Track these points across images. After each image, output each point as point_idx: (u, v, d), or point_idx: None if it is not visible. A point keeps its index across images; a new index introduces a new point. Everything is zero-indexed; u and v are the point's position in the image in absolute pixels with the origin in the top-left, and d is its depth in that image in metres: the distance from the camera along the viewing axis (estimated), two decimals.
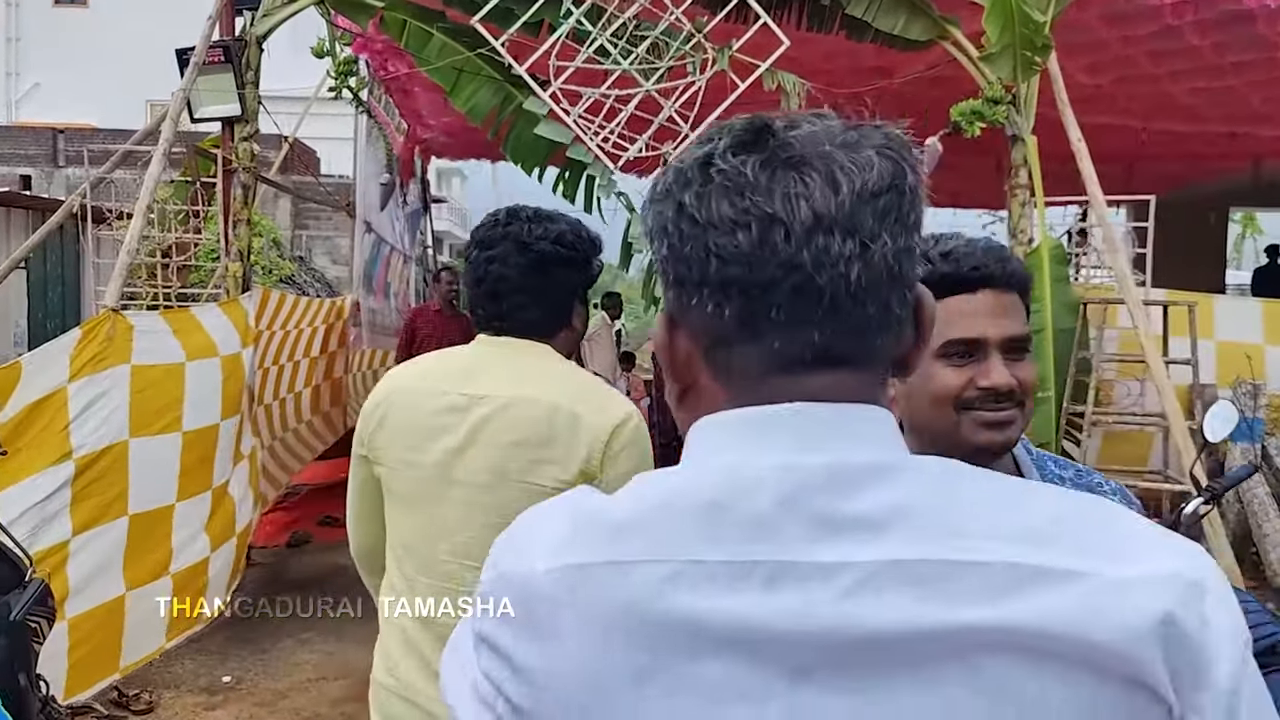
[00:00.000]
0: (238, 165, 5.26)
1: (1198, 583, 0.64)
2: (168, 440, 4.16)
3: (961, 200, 12.57)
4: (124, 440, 3.92)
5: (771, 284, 0.67)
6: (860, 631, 0.62)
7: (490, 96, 5.49)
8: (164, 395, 4.16)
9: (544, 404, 1.66)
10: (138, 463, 3.98)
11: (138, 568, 3.91)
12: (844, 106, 5.21)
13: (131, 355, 4.02)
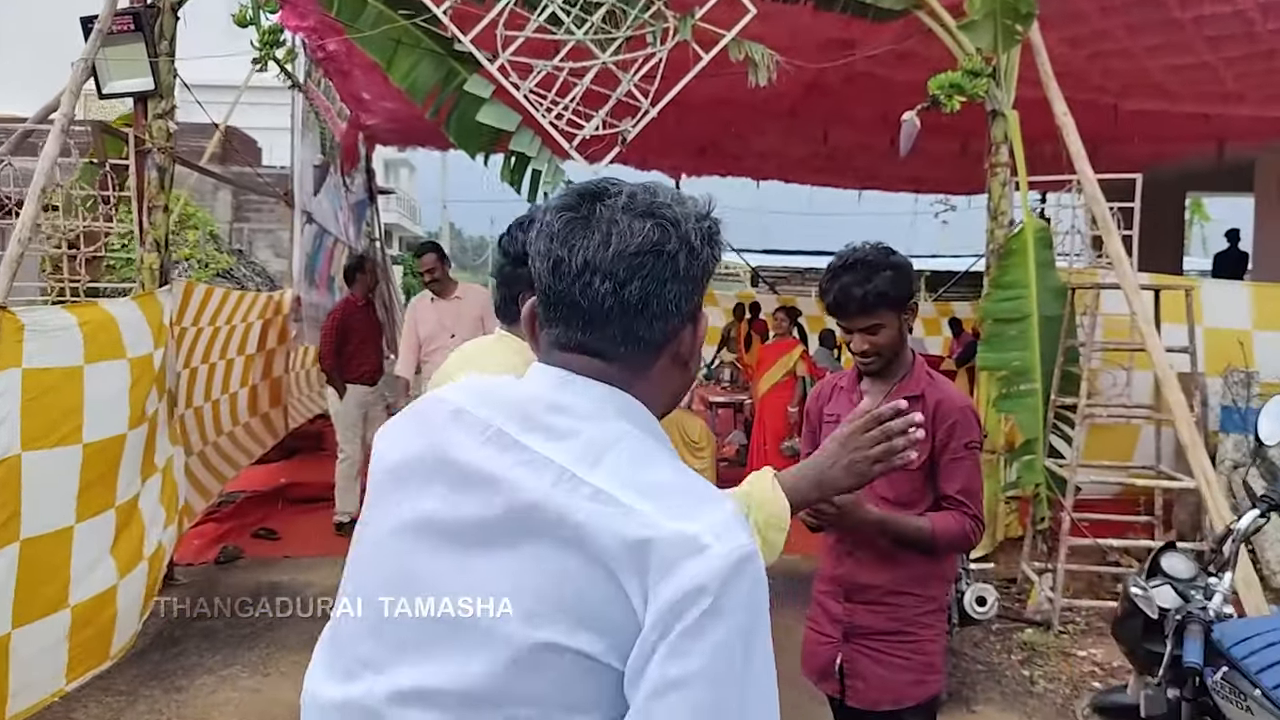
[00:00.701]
0: (152, 145, 4.75)
1: (705, 547, 0.93)
2: (66, 454, 3.67)
3: (923, 186, 12.27)
4: (15, 454, 3.43)
5: (557, 299, 1.08)
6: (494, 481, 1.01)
7: (431, 72, 5.03)
8: (61, 402, 3.66)
9: None
10: (33, 480, 3.48)
11: (30, 602, 3.42)
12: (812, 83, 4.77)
13: (22, 358, 3.52)
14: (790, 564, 5.99)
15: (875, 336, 2.42)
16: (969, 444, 2.43)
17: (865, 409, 1.61)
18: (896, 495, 2.45)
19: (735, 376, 9.85)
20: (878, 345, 2.44)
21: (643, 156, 11.40)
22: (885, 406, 1.60)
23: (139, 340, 4.17)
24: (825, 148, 10.09)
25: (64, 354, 3.70)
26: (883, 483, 2.39)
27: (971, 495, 2.42)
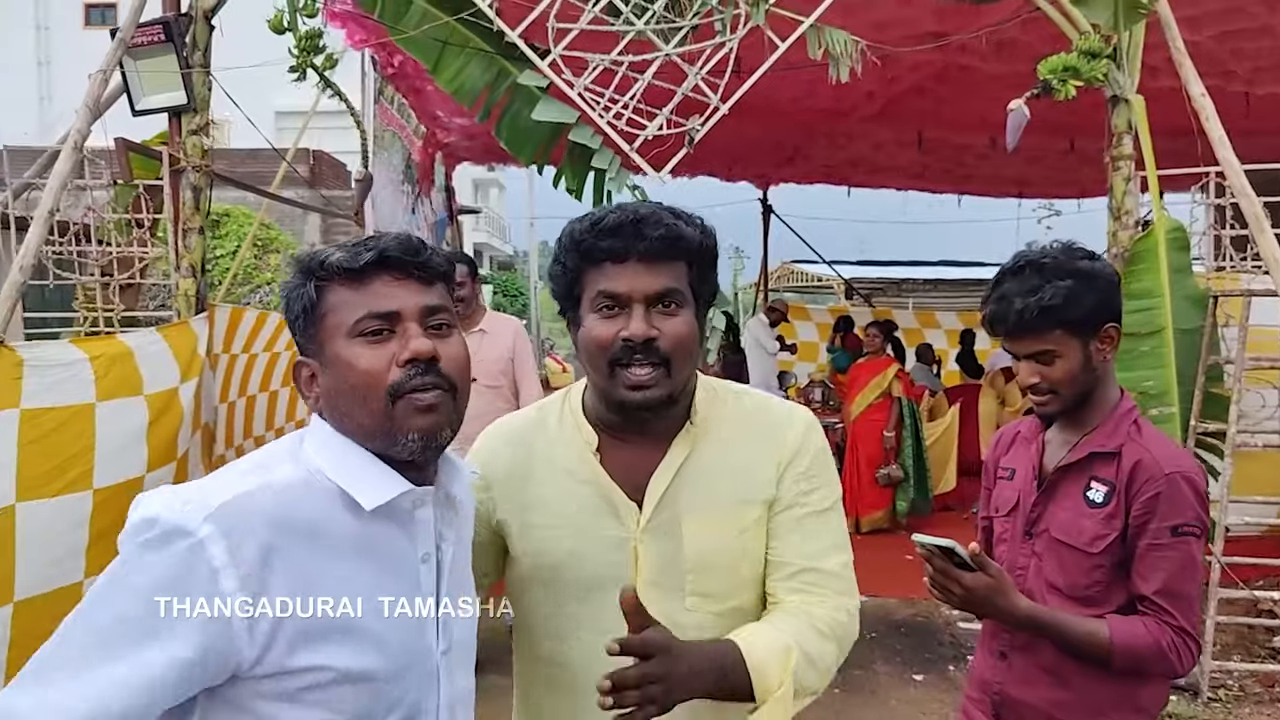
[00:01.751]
0: (186, 164, 4.43)
1: None
2: (72, 501, 3.31)
3: (1027, 188, 11.47)
4: (8, 505, 3.08)
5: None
6: None
7: (480, 72, 4.61)
8: (67, 446, 3.31)
9: None
10: (29, 534, 3.13)
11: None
12: (904, 82, 4.21)
13: (20, 397, 3.18)
14: (884, 608, 5.38)
15: (1048, 367, 1.87)
16: (1179, 528, 1.78)
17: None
18: (1068, 584, 1.86)
19: (827, 396, 9.24)
20: (1051, 380, 1.88)
21: (727, 165, 10.91)
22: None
23: (161, 374, 3.82)
24: (920, 150, 9.45)
25: (71, 392, 3.36)
26: (1052, 564, 1.87)
27: (1177, 599, 1.77)
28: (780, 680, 1.36)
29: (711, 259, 1.52)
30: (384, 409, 1.24)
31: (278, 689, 1.17)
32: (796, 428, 1.57)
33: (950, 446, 8.28)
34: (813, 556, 1.52)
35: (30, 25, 24.88)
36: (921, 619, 5.59)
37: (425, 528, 1.31)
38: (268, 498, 1.18)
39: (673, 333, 1.44)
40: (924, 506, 7.83)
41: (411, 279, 1.29)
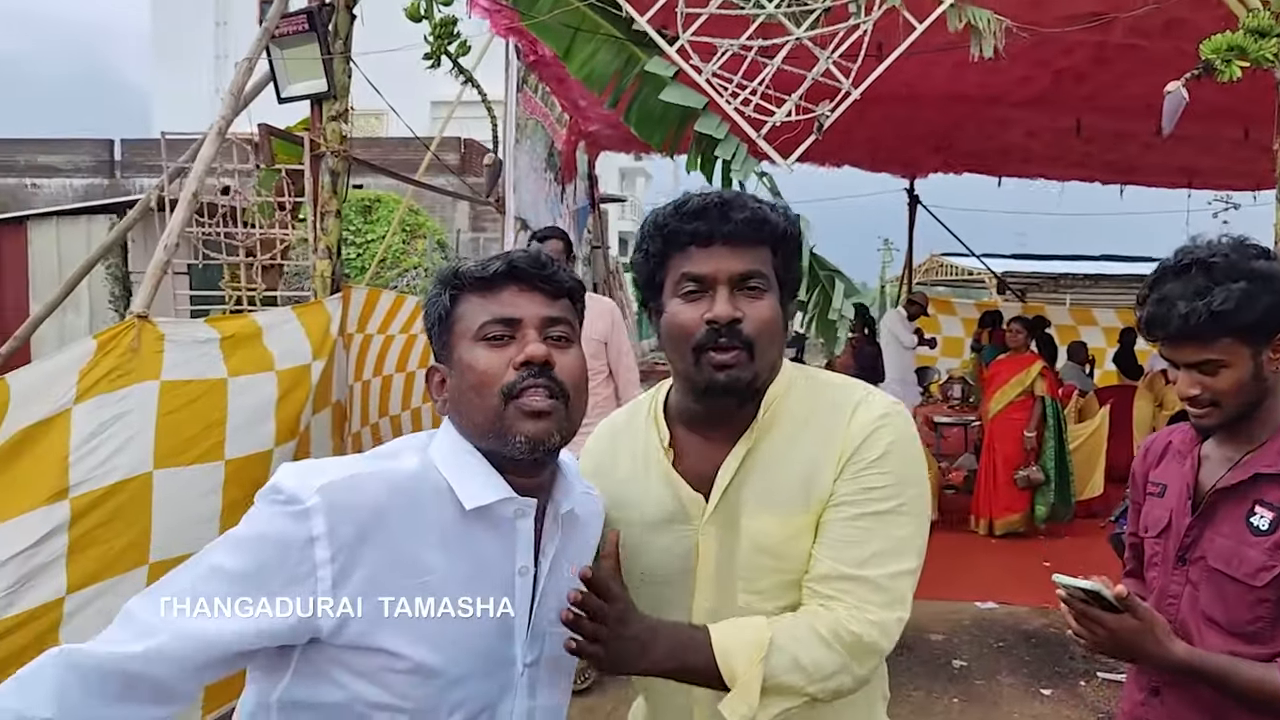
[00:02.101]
0: (325, 149, 4.58)
1: None
2: (205, 470, 3.48)
3: (1197, 179, 10.77)
4: (146, 472, 3.25)
5: None
6: None
7: (610, 59, 4.62)
8: (202, 417, 3.47)
9: None
10: (165, 499, 3.30)
11: None
12: (1053, 58, 3.97)
13: (161, 370, 3.36)
14: (1015, 616, 5.15)
15: (1211, 378, 1.68)
16: None
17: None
18: (1228, 619, 1.68)
19: (967, 393, 8.92)
20: (1215, 391, 1.68)
21: (871, 155, 10.64)
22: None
23: (292, 351, 3.97)
24: (1078, 139, 8.98)
25: (206, 367, 3.53)
26: (1209, 595, 1.68)
27: None
28: (746, 669, 1.35)
29: (795, 246, 1.52)
30: (497, 408, 1.31)
31: (355, 664, 1.24)
32: (863, 417, 1.47)
33: (1098, 450, 7.87)
34: (854, 563, 1.42)
35: (210, 21, 26.34)
36: (1054, 630, 5.33)
37: (525, 539, 1.36)
38: (377, 484, 1.27)
39: (757, 316, 1.44)
40: (1064, 512, 7.47)
41: (537, 291, 1.37)
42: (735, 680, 1.35)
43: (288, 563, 1.21)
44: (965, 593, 5.96)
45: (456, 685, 1.28)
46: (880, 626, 1.41)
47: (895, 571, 1.43)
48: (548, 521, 1.40)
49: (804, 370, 1.58)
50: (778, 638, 1.37)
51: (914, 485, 1.48)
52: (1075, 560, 6.65)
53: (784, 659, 1.36)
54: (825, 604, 1.42)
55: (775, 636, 1.37)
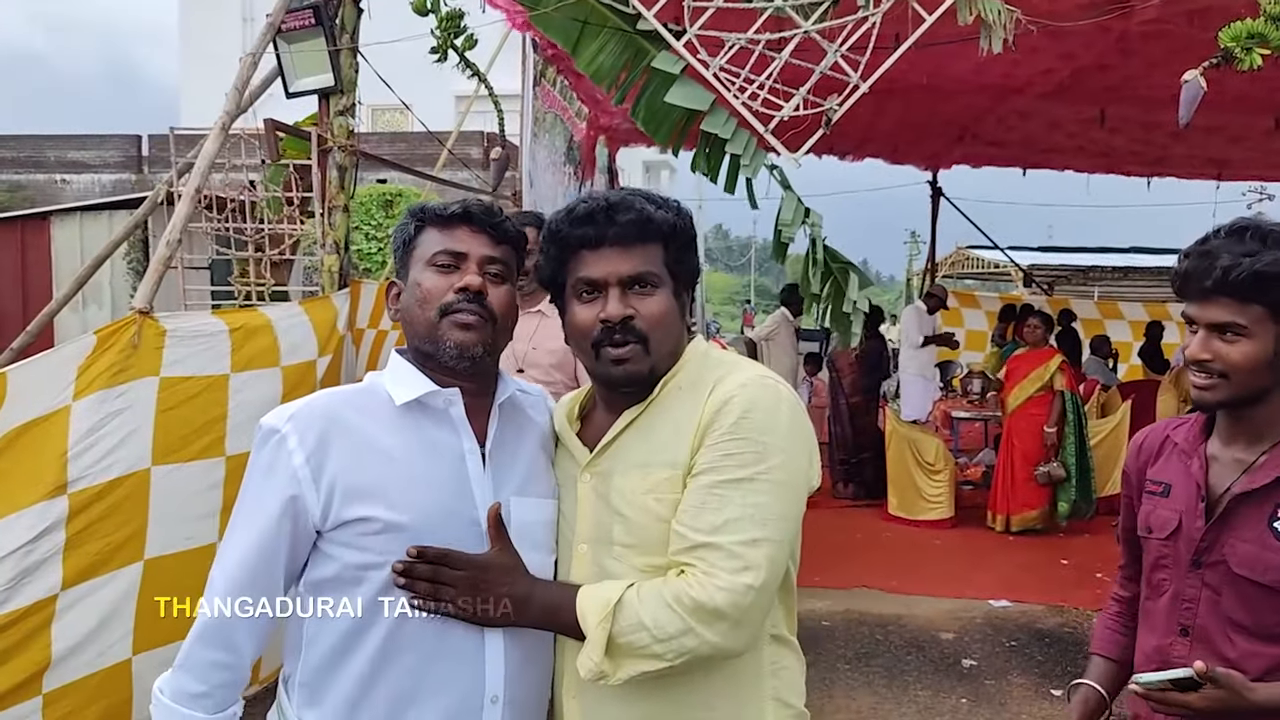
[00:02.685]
0: (332, 144, 4.58)
1: None
2: (206, 466, 3.48)
3: (1226, 170, 10.58)
4: (144, 469, 3.25)
5: None
6: None
7: (617, 53, 4.57)
8: (202, 413, 3.47)
9: None
10: (163, 495, 3.30)
11: (155, 626, 3.23)
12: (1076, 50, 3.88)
13: (161, 366, 3.36)
14: (1028, 614, 5.08)
15: (1228, 344, 1.62)
16: None
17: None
18: (1256, 623, 1.65)
19: (987, 388, 8.82)
20: (1227, 361, 1.63)
21: (893, 147, 10.54)
22: None
23: (299, 347, 3.97)
24: (1102, 130, 8.85)
25: (208, 361, 3.53)
26: (1233, 600, 1.64)
27: None
28: (594, 626, 1.45)
29: (687, 240, 1.63)
30: (434, 320, 1.61)
31: (339, 537, 1.55)
32: (723, 388, 1.54)
33: (1119, 445, 7.76)
34: (708, 529, 1.46)
35: (238, 18, 26.51)
36: (1069, 629, 5.26)
37: (462, 423, 1.64)
38: (331, 399, 1.64)
39: (648, 311, 1.57)
40: (1086, 509, 7.38)
41: (485, 234, 1.66)
42: (586, 633, 1.46)
43: (278, 475, 1.55)
44: (978, 590, 5.90)
45: (423, 538, 1.53)
46: (728, 592, 1.42)
47: (748, 539, 1.45)
48: (492, 412, 1.67)
49: (705, 350, 1.67)
50: (626, 597, 1.46)
51: (777, 454, 1.50)
52: (1094, 558, 6.57)
53: (629, 618, 1.44)
54: (681, 570, 1.47)
55: (625, 596, 1.46)
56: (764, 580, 1.45)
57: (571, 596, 1.51)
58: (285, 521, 1.54)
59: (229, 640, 1.56)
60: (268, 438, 1.58)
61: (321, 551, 1.58)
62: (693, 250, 1.65)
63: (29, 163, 18.96)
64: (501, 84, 7.81)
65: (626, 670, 1.45)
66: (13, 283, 9.74)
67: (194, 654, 1.57)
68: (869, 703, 4.26)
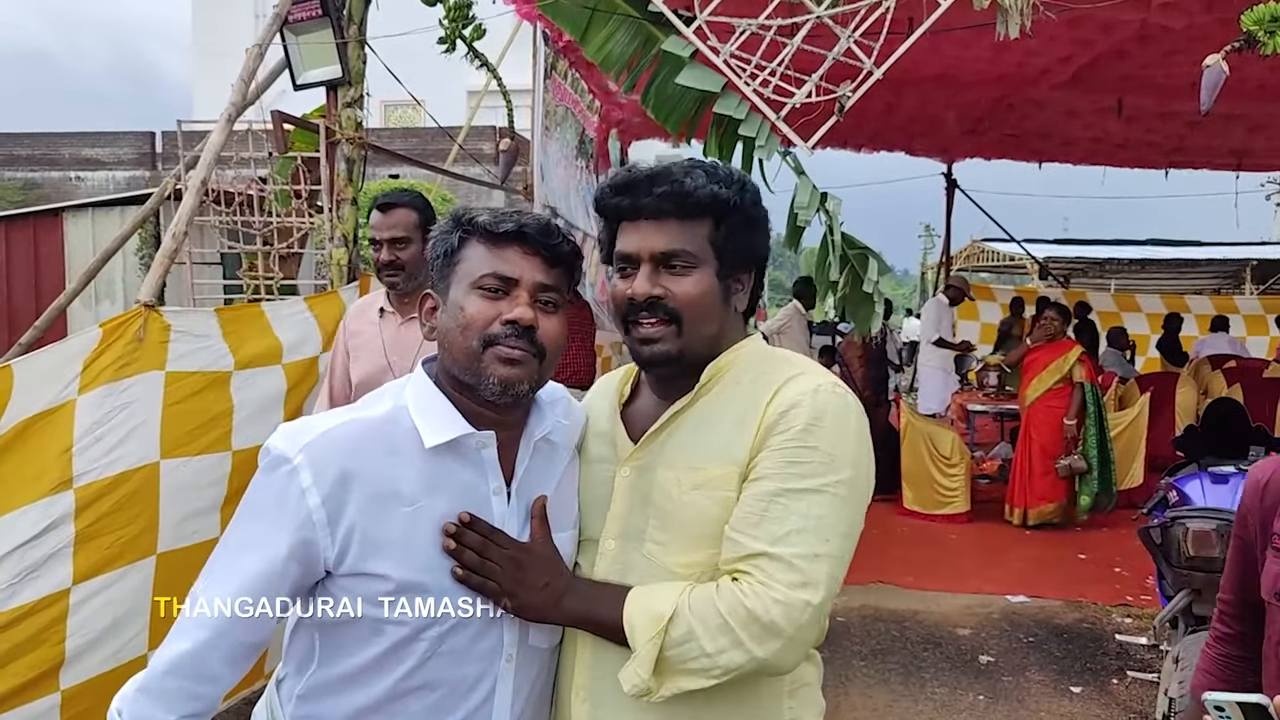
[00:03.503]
0: (340, 136, 4.55)
1: None
2: (212, 461, 3.44)
3: (1246, 160, 10.45)
4: (153, 462, 3.22)
5: None
6: None
7: (627, 40, 4.51)
8: (208, 408, 3.44)
9: None
10: (172, 489, 3.27)
11: (169, 622, 3.19)
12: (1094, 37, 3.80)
13: (166, 360, 3.32)
14: (1046, 610, 5.01)
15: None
16: None
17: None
18: None
19: (1004, 381, 8.73)
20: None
21: (908, 139, 10.45)
22: None
23: (303, 343, 3.92)
24: (1120, 120, 8.73)
25: (213, 358, 3.49)
26: None
27: None
28: (644, 640, 1.36)
29: (744, 219, 1.50)
30: (476, 351, 1.46)
31: (354, 588, 1.43)
32: (793, 389, 1.43)
33: (1138, 438, 7.67)
34: (768, 539, 1.36)
35: (250, 14, 26.53)
36: (1087, 625, 5.18)
37: (492, 465, 1.50)
38: (353, 431, 1.46)
39: (681, 292, 1.46)
40: (1107, 502, 7.28)
41: (539, 256, 1.49)
42: (634, 647, 1.37)
43: (288, 512, 1.41)
44: (996, 585, 5.82)
45: (445, 595, 1.44)
46: (784, 606, 1.33)
47: (810, 553, 1.36)
48: (521, 447, 1.54)
49: (764, 347, 1.57)
50: (680, 609, 1.36)
51: (847, 468, 1.41)
52: (1112, 552, 6.49)
53: (681, 627, 1.35)
54: (736, 577, 1.38)
55: (678, 608, 1.36)
56: (822, 599, 1.36)
57: (615, 600, 1.42)
58: (293, 564, 1.42)
59: (207, 670, 1.45)
60: (277, 465, 1.42)
61: (335, 595, 1.45)
62: (753, 230, 1.52)
63: (43, 160, 19.05)
64: (513, 79, 7.76)
65: (672, 686, 1.36)
66: (26, 279, 9.75)
67: (165, 681, 1.45)
68: (885, 700, 4.20)
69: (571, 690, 1.52)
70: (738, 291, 1.53)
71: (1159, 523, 3.51)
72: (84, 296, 9.09)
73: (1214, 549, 3.25)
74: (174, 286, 7.75)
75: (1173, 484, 3.70)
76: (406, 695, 1.46)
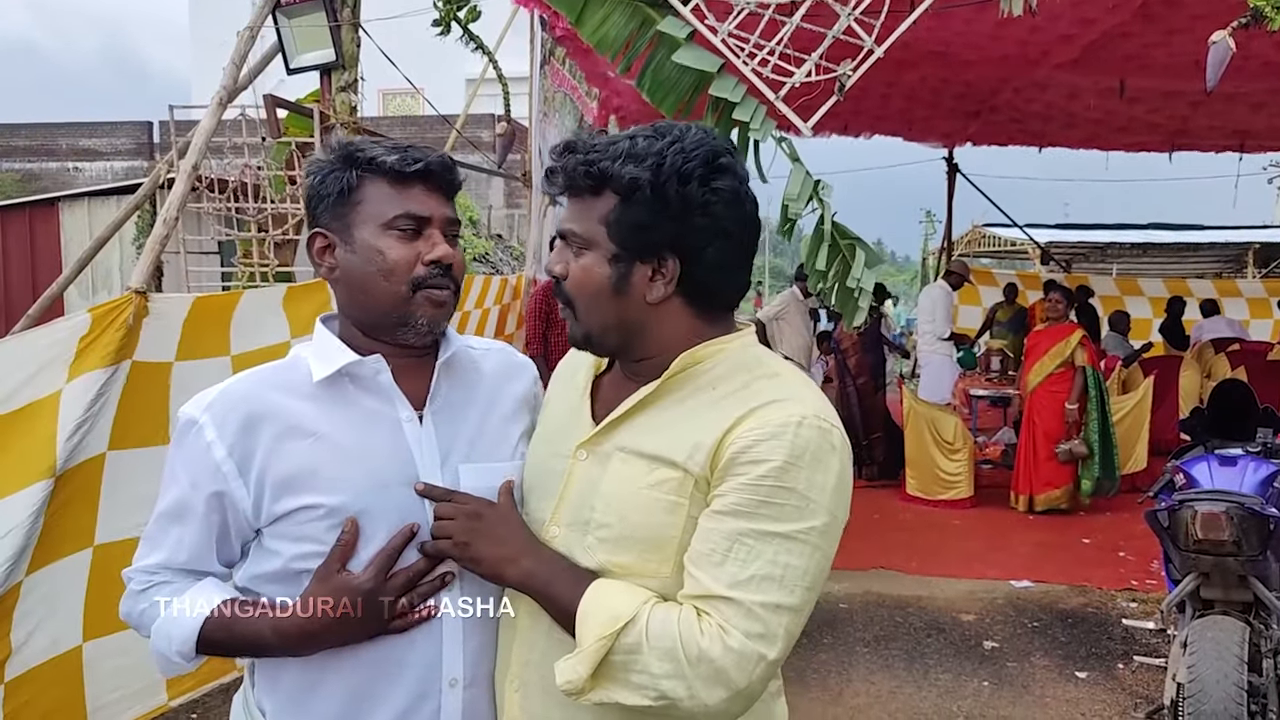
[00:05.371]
0: (335, 120, 4.49)
1: None
2: (149, 454, 3.31)
3: (1249, 141, 10.37)
4: (101, 454, 3.13)
5: None
6: None
7: (623, 21, 4.45)
8: (152, 400, 3.30)
9: None
10: (112, 481, 3.15)
11: (106, 611, 3.10)
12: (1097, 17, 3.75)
13: (136, 348, 3.24)
14: (1051, 595, 4.95)
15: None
16: None
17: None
18: None
19: (1006, 366, 8.68)
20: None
21: (908, 123, 10.37)
22: None
23: (259, 333, 3.77)
24: (1122, 100, 8.65)
25: (163, 347, 3.38)
26: None
27: None
28: (595, 637, 1.27)
29: (657, 198, 1.32)
30: (405, 295, 1.45)
31: (280, 530, 1.44)
32: (777, 415, 1.30)
33: (1141, 422, 7.61)
34: (730, 583, 1.26)
35: (248, 4, 26.43)
36: (1092, 609, 5.14)
37: (393, 390, 1.50)
38: (250, 381, 1.49)
39: (572, 276, 1.41)
40: (1110, 486, 7.23)
41: (441, 192, 1.51)
42: (581, 641, 1.29)
43: (198, 468, 1.44)
44: (999, 571, 5.78)
45: (365, 517, 1.42)
46: (737, 656, 1.24)
47: (772, 603, 1.26)
48: (436, 374, 1.53)
49: (751, 352, 1.43)
50: (639, 617, 1.27)
51: (823, 514, 1.30)
52: (1116, 537, 6.44)
53: (632, 636, 1.26)
54: (699, 612, 1.28)
55: (637, 615, 1.27)
56: (778, 655, 1.27)
57: (575, 582, 1.35)
58: (214, 516, 1.44)
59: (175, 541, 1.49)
60: (187, 429, 1.45)
61: (263, 547, 1.47)
62: (670, 212, 1.33)
63: (41, 151, 19.00)
64: (511, 67, 7.69)
65: (604, 694, 1.28)
66: (22, 269, 9.71)
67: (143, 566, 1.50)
68: (889, 686, 4.15)
69: (507, 680, 1.46)
70: (655, 280, 1.37)
71: (1166, 506, 3.45)
72: (81, 286, 9.06)
73: (1223, 531, 3.20)
74: (172, 275, 7.72)
75: (1179, 467, 3.65)
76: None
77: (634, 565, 1.35)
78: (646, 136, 1.36)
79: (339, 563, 1.41)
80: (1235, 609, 3.33)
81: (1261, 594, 3.28)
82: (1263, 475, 3.41)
